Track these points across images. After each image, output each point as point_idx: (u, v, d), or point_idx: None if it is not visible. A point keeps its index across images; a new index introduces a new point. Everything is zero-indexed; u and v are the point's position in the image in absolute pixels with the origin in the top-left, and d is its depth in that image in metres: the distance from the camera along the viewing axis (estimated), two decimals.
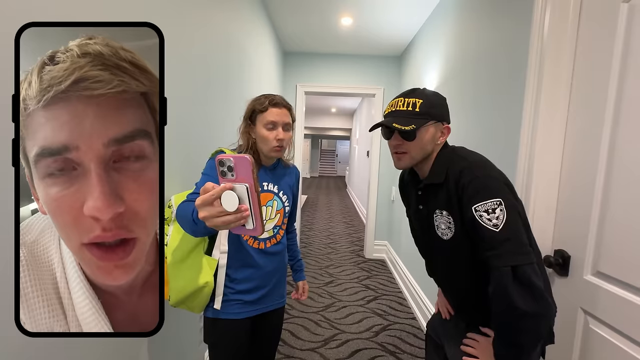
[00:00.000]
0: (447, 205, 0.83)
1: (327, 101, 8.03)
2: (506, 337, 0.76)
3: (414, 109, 0.83)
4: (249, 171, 0.55)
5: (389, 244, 3.70)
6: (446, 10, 2.18)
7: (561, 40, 1.05)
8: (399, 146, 0.87)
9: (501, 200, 0.74)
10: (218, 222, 0.57)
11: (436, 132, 0.86)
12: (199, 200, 0.58)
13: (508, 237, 0.72)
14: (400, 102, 0.86)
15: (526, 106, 1.15)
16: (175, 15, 1.15)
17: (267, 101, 1.00)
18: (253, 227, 0.58)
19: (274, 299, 1.12)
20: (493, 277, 0.74)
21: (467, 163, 0.80)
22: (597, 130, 0.92)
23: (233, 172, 0.56)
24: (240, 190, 0.56)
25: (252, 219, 0.58)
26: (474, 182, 0.76)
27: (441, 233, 0.87)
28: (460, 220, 0.81)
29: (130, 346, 0.98)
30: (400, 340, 2.11)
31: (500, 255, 0.72)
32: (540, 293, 0.71)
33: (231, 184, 0.56)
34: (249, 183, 0.55)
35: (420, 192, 0.92)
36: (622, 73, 0.86)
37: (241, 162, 0.55)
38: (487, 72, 1.53)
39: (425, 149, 0.86)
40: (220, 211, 0.57)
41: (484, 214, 0.74)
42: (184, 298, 0.96)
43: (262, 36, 2.54)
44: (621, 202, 0.85)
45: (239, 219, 0.57)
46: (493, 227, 0.73)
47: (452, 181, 0.81)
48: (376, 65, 3.61)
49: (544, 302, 0.72)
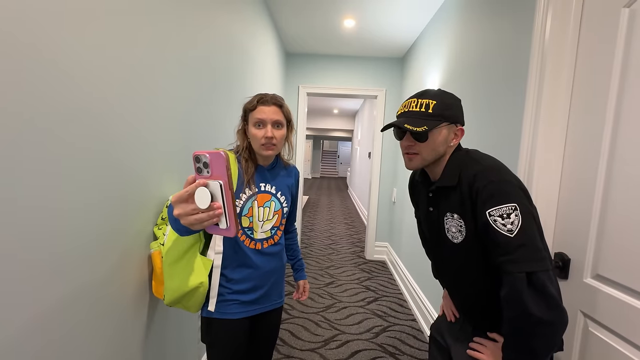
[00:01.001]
0: (459, 209, 0.82)
1: (329, 102, 8.03)
2: (519, 342, 0.74)
3: (427, 110, 0.83)
4: (223, 168, 0.53)
5: (390, 245, 3.70)
6: (448, 13, 2.18)
7: (562, 43, 1.05)
8: (410, 147, 0.86)
9: (516, 205, 0.72)
10: (191, 219, 0.56)
11: (449, 134, 0.85)
12: (174, 197, 0.57)
13: (523, 243, 0.71)
14: (414, 102, 0.86)
15: (527, 110, 1.15)
16: (178, 16, 1.16)
17: (256, 99, 1.00)
18: (227, 227, 0.56)
19: (272, 299, 1.11)
20: (507, 281, 0.72)
21: (481, 167, 0.79)
22: (597, 135, 0.93)
23: (209, 169, 0.54)
24: (214, 187, 0.54)
25: (226, 218, 0.55)
26: (489, 187, 0.75)
27: (451, 236, 0.86)
28: (473, 224, 0.79)
29: (131, 345, 0.99)
30: (400, 342, 2.11)
31: (514, 260, 0.71)
32: (555, 301, 0.69)
33: (205, 181, 0.54)
34: (223, 180, 0.53)
35: (431, 194, 0.91)
36: (622, 76, 0.87)
37: (216, 159, 0.53)
38: (489, 75, 1.53)
39: (437, 150, 0.85)
40: (193, 208, 0.55)
41: (499, 219, 0.73)
42: (179, 298, 0.96)
43: (265, 37, 2.56)
44: (621, 205, 0.85)
45: (212, 217, 0.55)
46: (508, 233, 0.71)
47: (465, 184, 0.80)
48: (378, 67, 3.62)
49: (559, 311, 0.70)
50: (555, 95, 1.07)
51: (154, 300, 1.10)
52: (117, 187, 0.87)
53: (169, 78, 1.12)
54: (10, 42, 0.56)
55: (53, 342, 0.69)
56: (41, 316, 0.66)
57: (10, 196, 0.57)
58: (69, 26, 0.68)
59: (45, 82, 0.63)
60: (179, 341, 1.33)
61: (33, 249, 0.63)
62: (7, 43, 0.55)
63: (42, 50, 0.62)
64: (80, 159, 0.73)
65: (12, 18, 0.56)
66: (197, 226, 0.58)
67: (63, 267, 0.71)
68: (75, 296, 0.75)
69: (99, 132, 0.79)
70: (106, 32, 0.79)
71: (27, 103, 0.59)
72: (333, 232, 5.04)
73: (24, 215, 0.60)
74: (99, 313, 0.84)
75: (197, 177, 0.56)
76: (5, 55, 0.55)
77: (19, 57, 0.57)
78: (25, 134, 0.59)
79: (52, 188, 0.66)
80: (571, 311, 0.98)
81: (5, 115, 0.56)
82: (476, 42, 1.70)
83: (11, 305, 0.59)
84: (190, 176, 0.57)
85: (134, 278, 0.99)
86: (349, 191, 10.95)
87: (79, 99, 0.72)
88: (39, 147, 0.62)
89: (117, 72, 0.84)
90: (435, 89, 0.87)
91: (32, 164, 0.61)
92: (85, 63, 0.73)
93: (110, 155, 0.84)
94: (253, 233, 1.03)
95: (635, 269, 0.81)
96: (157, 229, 1.07)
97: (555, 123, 1.07)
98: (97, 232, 0.81)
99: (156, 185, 1.08)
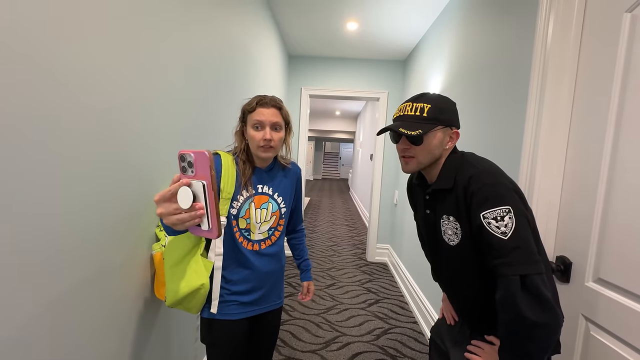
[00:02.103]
0: (455, 211, 0.83)
1: (331, 104, 8.05)
2: (514, 345, 0.74)
3: (421, 113, 0.84)
4: (206, 167, 0.52)
5: (391, 247, 3.69)
6: (450, 17, 2.19)
7: (564, 47, 1.06)
8: (406, 150, 0.87)
9: (510, 207, 0.72)
10: (173, 219, 0.55)
11: (444, 137, 0.86)
12: (157, 196, 0.56)
13: (517, 246, 0.71)
14: (409, 106, 0.86)
15: (529, 114, 1.16)
16: (180, 18, 1.18)
17: (255, 101, 1.00)
18: (209, 229, 0.55)
19: (271, 300, 1.12)
20: (501, 284, 0.73)
21: (476, 170, 0.79)
22: (599, 139, 0.93)
23: (193, 169, 0.53)
24: (197, 187, 0.53)
25: (208, 219, 0.54)
26: (483, 189, 0.75)
27: (447, 239, 0.87)
28: (468, 227, 0.80)
29: (132, 345, 1.00)
30: (401, 344, 2.11)
31: (508, 263, 0.71)
32: (549, 304, 0.70)
33: (188, 180, 0.53)
34: (206, 180, 0.53)
35: (428, 196, 0.92)
36: (624, 80, 0.87)
37: (200, 158, 0.52)
38: (491, 78, 1.54)
39: (433, 153, 0.86)
40: (176, 208, 0.55)
41: (492, 222, 0.73)
42: (181, 299, 0.97)
43: (268, 40, 2.57)
44: (623, 209, 0.85)
45: (193, 218, 0.54)
46: (501, 235, 0.72)
47: (460, 187, 0.80)
48: (381, 70, 3.63)
49: (553, 313, 0.70)
50: (557, 99, 1.07)
51: (156, 301, 1.11)
52: (120, 188, 0.88)
53: (173, 80, 1.13)
54: (9, 42, 0.57)
55: (55, 341, 0.70)
56: (44, 315, 0.66)
57: (16, 196, 0.58)
58: (71, 30, 0.69)
59: (52, 87, 0.64)
60: (180, 341, 1.34)
61: (37, 248, 0.63)
62: (14, 46, 0.56)
63: (44, 53, 0.63)
64: (84, 161, 0.74)
65: (15, 21, 0.57)
66: (179, 226, 0.57)
67: (66, 266, 0.71)
68: (77, 295, 0.76)
69: (101, 133, 0.80)
70: (108, 36, 0.80)
71: (32, 106, 0.61)
72: (334, 234, 5.04)
73: (30, 214, 0.61)
74: (102, 313, 0.84)
75: (182, 177, 0.55)
76: (9, 57, 0.56)
77: (22, 62, 0.59)
78: (30, 135, 0.60)
79: (56, 188, 0.67)
80: (572, 315, 0.98)
81: (15, 117, 0.57)
82: (478, 46, 1.71)
83: (12, 304, 0.60)
84: (175, 175, 0.57)
85: (137, 278, 0.99)
86: (351, 193, 10.95)
87: (85, 102, 0.73)
88: (42, 148, 0.63)
89: (123, 75, 0.85)
90: (431, 93, 0.88)
91: (37, 166, 0.62)
92: (87, 65, 0.74)
93: (114, 157, 0.85)
94: (250, 235, 1.03)
95: (636, 273, 0.81)
96: (158, 231, 1.08)
97: (557, 127, 1.07)
98: (101, 233, 0.82)
99: (159, 186, 1.09)
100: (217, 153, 1.00)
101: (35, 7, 0.60)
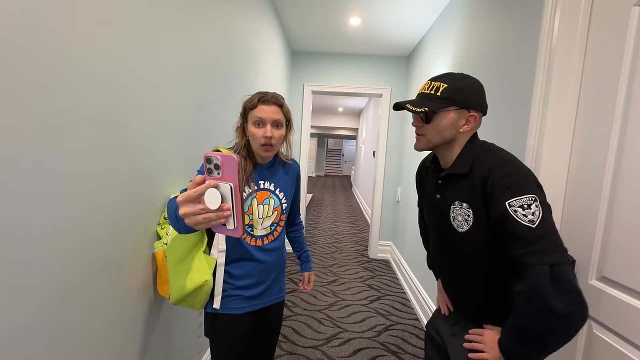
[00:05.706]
0: (470, 199, 0.81)
1: (334, 100, 8.02)
2: (532, 337, 0.70)
3: (436, 92, 0.83)
4: (234, 171, 0.54)
5: (394, 244, 3.69)
6: (454, 12, 2.17)
7: (570, 42, 1.04)
8: (418, 128, 0.88)
9: (536, 196, 0.71)
10: (199, 219, 0.57)
11: (459, 119, 0.84)
12: (181, 197, 0.58)
13: (544, 234, 0.68)
14: (427, 85, 0.87)
15: (534, 109, 1.14)
16: (181, 14, 1.17)
17: (257, 98, 0.99)
18: (234, 228, 0.58)
19: (273, 294, 1.13)
20: (527, 276, 0.69)
21: (498, 160, 0.78)
22: (604, 136, 0.92)
23: (219, 171, 0.55)
24: (224, 189, 0.56)
25: (234, 219, 0.57)
26: (505, 179, 0.74)
27: (457, 225, 0.85)
28: (484, 216, 0.78)
29: (136, 342, 1.00)
30: (403, 341, 2.11)
31: (535, 252, 0.68)
32: (580, 297, 0.67)
33: (216, 182, 0.56)
34: (233, 183, 0.55)
35: (440, 180, 0.91)
36: (631, 75, 0.85)
37: (228, 161, 0.54)
38: (495, 73, 1.52)
39: (443, 134, 0.85)
40: (202, 208, 0.57)
41: (519, 210, 0.70)
42: (184, 296, 0.97)
43: (270, 35, 2.56)
44: (628, 207, 0.84)
45: (220, 217, 0.56)
46: (529, 223, 0.69)
47: (478, 175, 0.79)
48: (384, 66, 3.60)
49: (584, 306, 0.67)
50: (563, 95, 1.06)
51: (158, 298, 1.11)
52: (123, 186, 0.88)
53: (173, 79, 1.12)
54: (9, 41, 0.57)
55: (59, 339, 0.70)
56: (48, 312, 0.67)
57: (17, 196, 0.58)
58: (76, 30, 0.69)
59: (58, 88, 0.64)
60: (182, 337, 1.34)
61: (40, 246, 0.64)
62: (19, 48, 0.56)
63: (51, 52, 0.63)
64: (87, 160, 0.74)
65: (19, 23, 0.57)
66: (202, 225, 0.58)
67: (68, 265, 0.72)
68: (78, 295, 0.76)
69: (102, 133, 0.80)
70: (108, 35, 0.80)
71: (38, 107, 0.60)
72: (337, 231, 5.05)
73: (34, 214, 0.61)
74: (106, 311, 0.85)
75: (207, 178, 0.57)
76: (16, 60, 0.56)
77: (23, 61, 0.58)
78: (36, 136, 0.60)
79: (59, 187, 0.67)
80: None
81: (21, 119, 0.57)
82: (483, 41, 1.69)
83: (14, 303, 0.60)
84: (198, 176, 0.57)
85: (140, 276, 1.00)
86: (353, 189, 10.94)
87: (87, 104, 0.73)
88: (44, 149, 0.63)
89: (124, 76, 0.85)
90: (456, 73, 0.87)
91: (41, 165, 0.62)
92: (88, 66, 0.74)
93: (117, 156, 0.85)
94: (253, 230, 1.04)
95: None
96: (160, 229, 1.08)
97: (562, 123, 1.06)
98: (102, 232, 0.82)
99: (160, 185, 1.09)
100: (218, 149, 1.00)
101: (35, 6, 0.59)
